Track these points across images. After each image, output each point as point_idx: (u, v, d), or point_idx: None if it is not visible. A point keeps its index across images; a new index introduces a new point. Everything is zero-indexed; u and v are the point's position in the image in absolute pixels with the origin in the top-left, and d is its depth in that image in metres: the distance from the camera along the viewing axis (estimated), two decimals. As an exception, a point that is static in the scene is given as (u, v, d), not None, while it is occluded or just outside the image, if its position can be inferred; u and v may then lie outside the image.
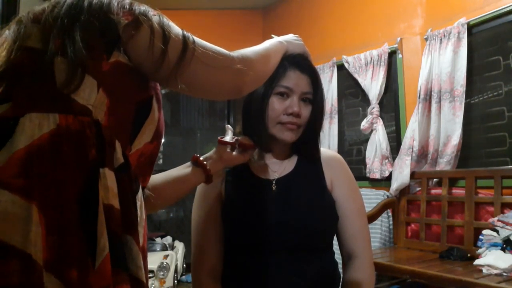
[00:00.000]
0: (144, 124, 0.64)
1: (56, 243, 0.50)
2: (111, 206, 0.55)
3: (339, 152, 3.00)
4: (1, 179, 0.50)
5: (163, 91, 0.72)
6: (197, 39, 0.67)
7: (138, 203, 0.62)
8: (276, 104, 1.00)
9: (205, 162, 0.93)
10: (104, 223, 0.53)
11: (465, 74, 2.30)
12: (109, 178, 0.56)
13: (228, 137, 1.01)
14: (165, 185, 0.89)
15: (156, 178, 0.89)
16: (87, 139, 0.55)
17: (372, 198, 2.64)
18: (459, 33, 2.34)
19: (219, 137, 1.00)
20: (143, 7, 0.64)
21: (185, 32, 0.66)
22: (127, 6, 0.62)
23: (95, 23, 0.59)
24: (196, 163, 0.94)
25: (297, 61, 1.01)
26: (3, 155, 0.52)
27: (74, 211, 0.52)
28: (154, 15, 0.64)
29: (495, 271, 1.70)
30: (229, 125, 1.06)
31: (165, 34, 0.63)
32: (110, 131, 0.58)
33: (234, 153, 0.98)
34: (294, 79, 1.00)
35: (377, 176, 2.74)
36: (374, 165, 2.76)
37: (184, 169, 0.94)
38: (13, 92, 0.56)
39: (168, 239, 3.76)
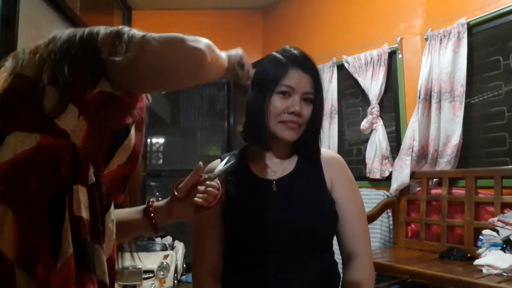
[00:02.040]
0: (119, 149, 0.70)
1: (26, 242, 0.57)
2: (81, 217, 0.62)
3: (339, 152, 3.00)
4: None
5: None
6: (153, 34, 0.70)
7: (110, 218, 0.70)
8: (277, 103, 1.00)
9: (152, 215, 0.87)
10: (69, 230, 0.60)
11: (465, 74, 2.30)
12: (81, 193, 0.63)
13: (216, 171, 0.93)
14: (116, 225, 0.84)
15: None
16: (61, 157, 0.62)
17: (372, 198, 2.64)
18: (459, 33, 2.34)
19: (174, 190, 0.88)
20: (126, 28, 0.70)
21: (145, 34, 0.70)
22: (108, 31, 0.69)
23: (82, 57, 0.66)
24: (146, 212, 0.88)
25: (300, 60, 1.01)
26: None
27: (44, 218, 0.59)
28: (131, 30, 0.70)
29: (495, 271, 1.70)
30: (220, 161, 0.98)
31: (129, 40, 0.68)
32: (85, 153, 0.65)
33: (186, 209, 0.88)
34: (296, 79, 1.00)
35: (377, 176, 2.74)
36: (374, 165, 2.76)
37: (135, 213, 0.89)
38: (4, 113, 0.64)
39: (168, 239, 3.76)
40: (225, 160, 1.00)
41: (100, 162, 0.68)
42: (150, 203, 0.89)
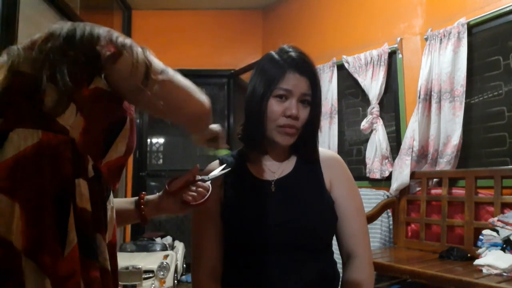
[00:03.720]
0: (115, 141, 0.75)
1: (33, 234, 0.61)
2: (84, 209, 0.67)
3: (339, 152, 3.00)
4: None
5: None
6: (173, 75, 0.78)
7: (110, 206, 0.74)
8: (274, 106, 1.00)
9: (142, 206, 0.93)
10: (73, 221, 0.65)
11: (465, 74, 2.30)
12: (83, 186, 0.67)
13: (212, 174, 0.99)
14: None
15: None
16: (63, 153, 0.66)
17: (372, 198, 2.64)
18: (459, 33, 2.34)
19: (167, 182, 0.95)
20: (128, 41, 0.74)
21: (163, 67, 0.77)
22: (114, 39, 0.72)
23: (82, 57, 0.69)
24: (137, 203, 0.94)
25: (297, 63, 1.01)
26: None
27: (50, 211, 0.63)
28: (137, 47, 0.74)
29: (495, 271, 1.70)
30: (219, 163, 1.06)
31: (146, 64, 0.73)
32: (83, 147, 0.69)
33: (174, 204, 0.94)
34: (293, 81, 1.00)
35: (377, 176, 2.74)
36: (374, 165, 2.76)
37: (127, 204, 0.95)
38: (4, 110, 0.67)
39: (168, 239, 3.76)
40: (223, 166, 1.02)
41: (98, 154, 0.72)
42: (142, 195, 0.95)
